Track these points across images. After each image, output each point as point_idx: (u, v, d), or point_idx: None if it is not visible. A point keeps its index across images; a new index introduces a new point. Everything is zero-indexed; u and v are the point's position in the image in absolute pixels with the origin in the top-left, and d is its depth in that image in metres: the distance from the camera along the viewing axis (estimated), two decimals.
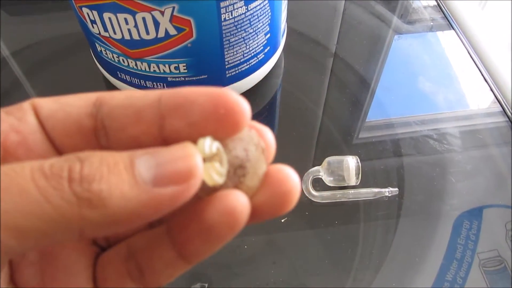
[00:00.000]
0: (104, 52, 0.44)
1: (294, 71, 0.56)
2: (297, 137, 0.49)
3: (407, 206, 0.43)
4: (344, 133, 0.50)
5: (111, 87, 0.50)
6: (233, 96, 0.14)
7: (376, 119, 0.51)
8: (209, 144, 0.14)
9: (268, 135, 0.16)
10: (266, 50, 0.46)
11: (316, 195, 0.41)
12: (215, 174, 0.14)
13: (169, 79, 0.43)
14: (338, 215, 0.41)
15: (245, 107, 0.14)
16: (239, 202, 0.14)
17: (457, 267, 0.40)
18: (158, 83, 0.44)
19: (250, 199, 0.15)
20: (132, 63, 0.43)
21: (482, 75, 0.56)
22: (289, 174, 0.15)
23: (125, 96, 0.15)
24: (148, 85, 0.45)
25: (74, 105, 0.15)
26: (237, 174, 0.15)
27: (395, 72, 0.57)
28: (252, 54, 0.45)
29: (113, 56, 0.43)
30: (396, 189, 0.42)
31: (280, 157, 0.18)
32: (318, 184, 0.42)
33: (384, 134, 0.50)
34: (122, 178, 0.12)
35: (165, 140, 0.15)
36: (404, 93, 0.55)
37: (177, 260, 0.16)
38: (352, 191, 0.41)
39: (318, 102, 0.52)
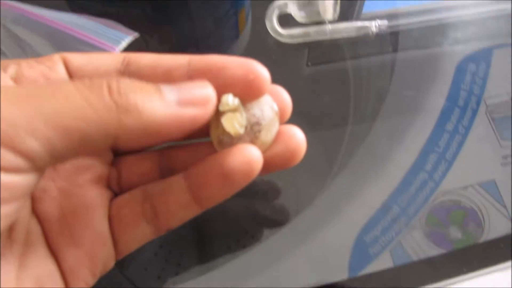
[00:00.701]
0: None
1: None
2: None
3: (402, 44, 0.34)
4: None
5: None
6: (260, 65, 0.17)
7: None
8: (232, 98, 0.16)
9: (285, 95, 0.18)
10: None
11: (284, 34, 0.32)
12: (237, 124, 0.17)
13: None
14: (313, 57, 0.33)
15: (268, 75, 0.17)
16: (256, 154, 0.16)
17: (460, 115, 0.33)
18: None
19: (263, 153, 0.17)
20: None
21: None
22: (297, 133, 0.18)
23: (154, 58, 0.17)
24: None
25: (103, 60, 0.17)
26: (253, 130, 0.17)
27: None
28: None
29: None
30: (385, 21, 0.33)
31: None
32: (287, 21, 0.33)
33: None
34: (152, 96, 0.15)
35: None
36: None
37: (191, 204, 0.17)
38: (330, 27, 0.32)
39: None
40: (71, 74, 0.17)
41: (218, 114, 0.17)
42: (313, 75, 0.33)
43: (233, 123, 0.16)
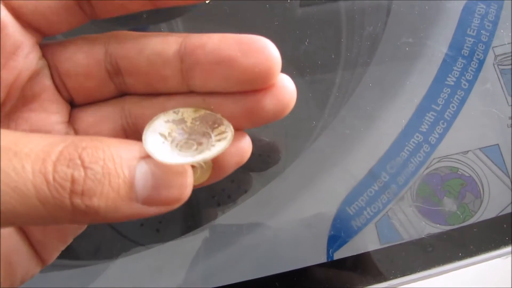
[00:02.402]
0: None
1: None
2: None
3: None
4: None
5: None
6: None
7: None
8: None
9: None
10: None
11: None
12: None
13: None
14: None
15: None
16: (246, 144, 0.16)
17: (463, 67, 0.28)
18: None
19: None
20: None
21: None
22: (288, 83, 0.16)
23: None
24: None
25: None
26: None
27: None
28: None
29: None
30: None
31: None
32: None
33: None
34: (119, 195, 0.13)
35: None
36: None
37: None
38: None
39: None
40: (17, 10, 0.15)
41: None
42: (305, 16, 0.28)
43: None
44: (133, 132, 0.17)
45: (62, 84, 0.16)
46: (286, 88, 0.16)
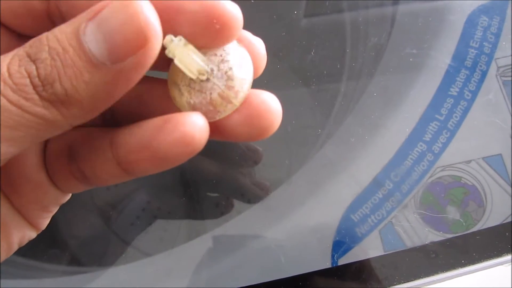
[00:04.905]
0: None
1: None
2: None
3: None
4: None
5: None
6: (230, 8, 0.13)
7: None
8: (177, 38, 0.13)
9: (257, 45, 0.15)
10: None
11: None
12: (197, 58, 0.13)
13: None
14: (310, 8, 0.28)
15: (241, 19, 0.13)
16: (196, 127, 0.13)
17: (466, 78, 0.28)
18: None
19: (243, 100, 0.14)
20: None
21: None
22: (268, 99, 0.14)
23: None
24: None
25: None
26: (222, 70, 0.13)
27: None
28: None
29: None
30: None
31: None
32: None
33: None
34: (78, 67, 0.12)
35: None
36: None
37: (122, 174, 0.15)
38: None
39: None
40: None
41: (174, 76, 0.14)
42: (309, 27, 0.28)
43: (189, 62, 0.13)
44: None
45: None
46: (265, 103, 0.14)
